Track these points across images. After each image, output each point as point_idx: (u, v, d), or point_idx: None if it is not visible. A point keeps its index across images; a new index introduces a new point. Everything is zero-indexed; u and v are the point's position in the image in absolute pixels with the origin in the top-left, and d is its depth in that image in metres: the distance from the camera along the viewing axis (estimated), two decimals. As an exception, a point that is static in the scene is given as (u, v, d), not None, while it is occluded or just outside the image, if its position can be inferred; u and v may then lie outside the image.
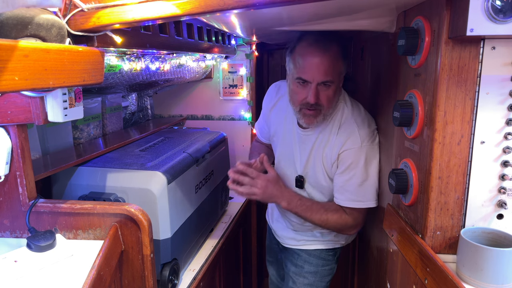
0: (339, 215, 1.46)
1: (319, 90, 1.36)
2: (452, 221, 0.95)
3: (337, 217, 1.46)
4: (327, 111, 1.41)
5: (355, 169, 1.41)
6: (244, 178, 1.44)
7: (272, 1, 0.80)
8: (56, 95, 0.96)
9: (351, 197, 1.44)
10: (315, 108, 1.39)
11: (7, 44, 0.61)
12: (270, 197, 1.46)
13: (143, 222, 1.10)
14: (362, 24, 1.29)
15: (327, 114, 1.43)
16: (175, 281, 1.48)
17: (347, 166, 1.42)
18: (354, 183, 1.42)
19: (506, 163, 0.90)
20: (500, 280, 0.83)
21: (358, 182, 1.42)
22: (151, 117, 2.59)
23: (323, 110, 1.39)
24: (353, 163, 1.41)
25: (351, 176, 1.42)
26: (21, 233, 1.15)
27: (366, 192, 1.43)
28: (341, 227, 1.49)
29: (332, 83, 1.36)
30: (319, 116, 1.40)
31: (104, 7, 0.85)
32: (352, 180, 1.42)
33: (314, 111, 1.39)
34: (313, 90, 1.35)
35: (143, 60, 1.61)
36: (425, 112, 0.97)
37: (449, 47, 0.87)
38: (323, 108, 1.39)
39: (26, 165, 1.11)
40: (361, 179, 1.42)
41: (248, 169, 1.45)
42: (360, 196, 1.43)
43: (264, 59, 2.69)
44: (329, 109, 1.42)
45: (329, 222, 1.47)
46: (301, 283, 1.68)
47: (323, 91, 1.36)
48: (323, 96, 1.37)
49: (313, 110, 1.39)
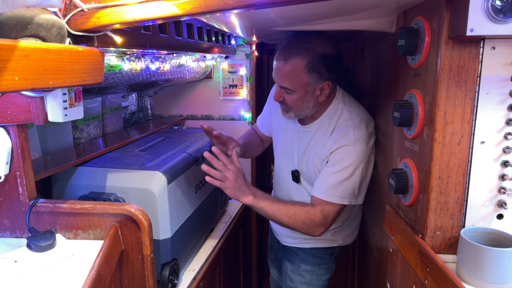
0: (307, 209, 1.41)
1: (283, 92, 1.47)
2: (452, 221, 0.95)
3: (305, 212, 1.40)
4: (296, 111, 1.49)
5: (342, 166, 1.41)
6: (218, 162, 1.39)
7: (272, 1, 0.80)
8: (56, 95, 0.96)
9: (328, 190, 1.41)
10: (283, 104, 1.50)
11: (7, 44, 0.61)
12: (239, 188, 1.38)
13: (143, 222, 1.10)
14: (362, 24, 1.29)
15: (299, 114, 1.51)
16: (175, 281, 1.48)
17: (335, 162, 1.42)
18: (336, 178, 1.41)
19: (506, 163, 0.90)
20: (500, 280, 0.83)
21: (341, 179, 1.40)
22: (151, 117, 2.59)
23: (293, 109, 1.49)
24: (342, 159, 1.41)
25: (336, 171, 1.41)
26: (21, 233, 1.15)
27: (345, 190, 1.41)
28: (309, 223, 1.40)
29: (291, 90, 1.43)
30: (290, 112, 1.51)
31: (104, 7, 0.85)
32: (336, 175, 1.41)
33: (284, 106, 1.51)
34: (276, 89, 1.50)
35: (143, 60, 1.61)
36: (425, 112, 0.97)
37: (449, 47, 0.87)
38: (292, 108, 1.49)
39: (26, 165, 1.11)
40: (345, 177, 1.40)
41: (222, 154, 1.40)
42: (338, 192, 1.41)
43: (264, 59, 2.69)
44: (299, 111, 1.49)
45: (296, 218, 1.39)
46: (298, 281, 1.68)
47: (285, 94, 1.47)
48: (287, 98, 1.47)
49: (284, 106, 1.51)
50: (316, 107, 1.49)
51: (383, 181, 1.43)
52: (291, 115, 1.52)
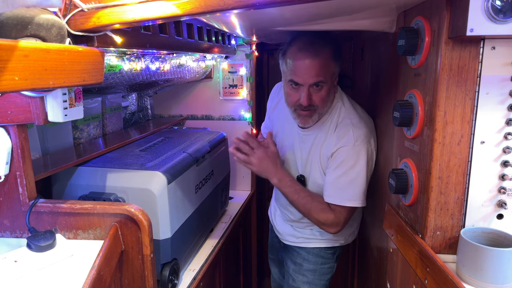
0: (323, 208, 1.46)
1: (311, 92, 1.40)
2: (452, 221, 0.95)
3: (320, 210, 1.46)
4: (321, 110, 1.45)
5: (345, 167, 1.42)
6: (244, 145, 1.50)
7: (272, 1, 0.80)
8: (56, 95, 0.96)
9: (338, 194, 1.44)
10: (309, 108, 1.43)
11: (7, 44, 0.61)
12: (264, 170, 1.50)
13: (143, 222, 1.10)
14: (362, 24, 1.29)
15: (322, 113, 1.46)
16: (175, 281, 1.48)
17: (338, 164, 1.43)
18: (343, 181, 1.42)
19: (506, 163, 0.90)
20: (500, 280, 0.83)
21: (347, 181, 1.42)
22: (151, 117, 2.59)
23: (318, 109, 1.44)
24: (344, 161, 1.42)
25: (341, 174, 1.42)
26: (21, 233, 1.15)
27: (354, 191, 1.43)
28: (323, 221, 1.47)
29: (324, 83, 1.39)
30: (314, 115, 1.45)
31: (104, 7, 0.85)
32: (341, 177, 1.42)
33: (308, 111, 1.44)
34: (305, 92, 1.40)
35: (143, 60, 1.61)
36: (425, 112, 0.97)
37: (449, 47, 0.87)
38: (318, 108, 1.43)
39: (26, 165, 1.11)
40: (351, 178, 1.42)
41: (251, 138, 1.51)
42: (347, 194, 1.43)
43: (264, 59, 2.69)
44: (324, 108, 1.45)
45: (311, 213, 1.47)
46: (300, 281, 1.68)
47: (315, 92, 1.40)
48: (316, 97, 1.41)
49: (308, 110, 1.44)
50: (331, 102, 1.48)
51: (383, 181, 1.43)
52: (314, 118, 1.46)
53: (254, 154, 1.49)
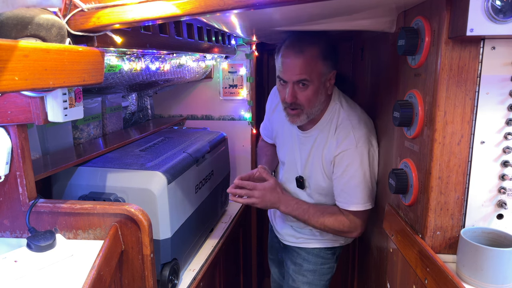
0: (335, 217, 1.48)
1: (296, 90, 1.41)
2: (452, 221, 0.95)
3: (333, 220, 1.48)
4: (308, 110, 1.44)
5: (351, 171, 1.42)
6: (241, 191, 1.52)
7: (272, 1, 0.80)
8: (56, 95, 0.96)
9: (349, 199, 1.45)
10: (295, 107, 1.44)
11: (7, 44, 0.61)
12: (269, 204, 1.53)
13: (143, 222, 1.10)
14: (362, 24, 1.29)
15: (311, 114, 1.46)
16: (175, 281, 1.48)
17: (344, 169, 1.43)
18: (351, 185, 1.43)
19: (506, 163, 0.90)
20: (500, 280, 0.83)
21: (355, 184, 1.43)
22: (151, 117, 2.59)
23: (305, 109, 1.44)
24: (349, 165, 1.42)
25: (349, 179, 1.43)
26: (21, 233, 1.15)
27: (363, 194, 1.44)
28: (340, 229, 1.49)
29: (309, 81, 1.39)
30: (302, 115, 1.45)
31: (104, 7, 0.85)
32: (350, 182, 1.43)
33: (296, 110, 1.45)
34: (289, 89, 1.40)
35: (143, 60, 1.61)
36: (425, 112, 0.97)
37: (449, 47, 0.87)
38: (304, 108, 1.43)
39: (26, 165, 1.11)
40: (358, 181, 1.42)
41: (244, 182, 1.53)
42: (357, 198, 1.44)
43: (264, 59, 2.69)
44: (311, 109, 1.45)
45: (326, 225, 1.49)
46: (300, 281, 1.68)
47: (301, 91, 1.41)
48: (301, 96, 1.41)
49: (295, 109, 1.44)
50: (323, 104, 1.48)
51: (383, 181, 1.43)
52: (302, 119, 1.46)
53: (253, 194, 1.51)
